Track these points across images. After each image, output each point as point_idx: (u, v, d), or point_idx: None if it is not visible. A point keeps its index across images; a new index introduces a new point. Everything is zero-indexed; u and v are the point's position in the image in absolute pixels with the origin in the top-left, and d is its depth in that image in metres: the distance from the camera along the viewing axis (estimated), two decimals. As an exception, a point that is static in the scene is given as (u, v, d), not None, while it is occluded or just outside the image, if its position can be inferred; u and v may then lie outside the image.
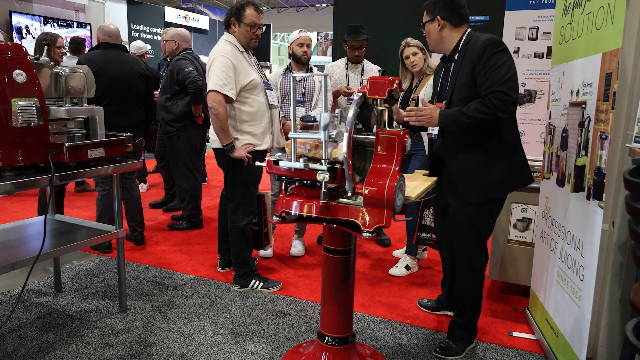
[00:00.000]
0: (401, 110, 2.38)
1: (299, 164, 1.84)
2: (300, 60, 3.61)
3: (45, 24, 10.06)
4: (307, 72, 3.65)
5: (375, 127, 1.95)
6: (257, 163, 2.22)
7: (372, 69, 3.92)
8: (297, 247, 3.85)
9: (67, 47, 5.38)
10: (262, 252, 3.73)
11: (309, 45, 3.61)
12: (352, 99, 3.74)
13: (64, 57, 5.11)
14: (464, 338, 2.50)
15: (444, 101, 2.34)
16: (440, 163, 2.44)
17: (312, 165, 1.84)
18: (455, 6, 2.30)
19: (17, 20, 9.58)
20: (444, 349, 2.47)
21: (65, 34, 9.58)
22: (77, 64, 3.35)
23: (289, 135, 1.90)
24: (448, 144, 2.35)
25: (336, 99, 3.87)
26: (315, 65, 3.91)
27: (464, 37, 2.31)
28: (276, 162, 1.95)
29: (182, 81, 4.10)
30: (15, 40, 9.36)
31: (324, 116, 1.77)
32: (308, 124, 1.94)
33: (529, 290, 2.90)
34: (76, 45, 5.17)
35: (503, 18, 4.10)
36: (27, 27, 9.73)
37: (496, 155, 2.26)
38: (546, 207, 2.69)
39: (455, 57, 2.31)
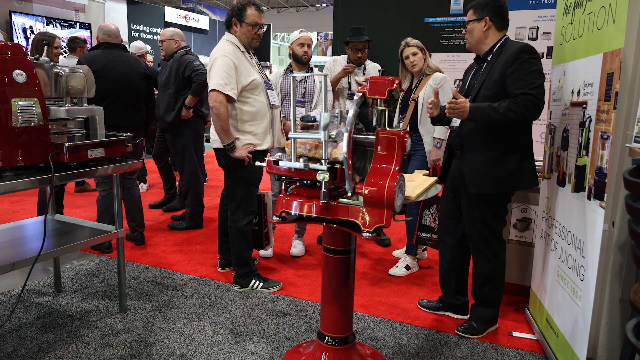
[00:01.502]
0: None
1: (299, 164, 1.84)
2: (300, 61, 3.61)
3: (47, 25, 10.08)
4: (307, 72, 3.65)
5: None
6: (258, 163, 2.22)
7: (373, 68, 3.92)
8: (297, 247, 3.85)
9: (65, 47, 5.38)
10: (262, 252, 3.73)
11: (309, 46, 3.61)
12: (354, 94, 3.77)
13: (63, 57, 5.11)
14: (485, 319, 2.66)
15: (469, 97, 2.48)
16: (452, 152, 2.63)
17: (312, 165, 1.84)
18: (503, 11, 2.46)
19: (23, 21, 9.60)
20: (466, 328, 2.66)
21: (68, 35, 9.60)
22: (77, 64, 3.35)
23: (289, 135, 1.90)
24: (464, 137, 2.50)
25: (336, 86, 3.86)
26: (315, 66, 3.91)
27: (501, 42, 2.46)
28: (276, 162, 1.94)
29: (189, 73, 4.09)
30: (20, 41, 9.36)
31: (323, 116, 1.77)
32: (308, 124, 1.94)
33: (529, 290, 2.90)
34: (73, 44, 5.16)
35: (503, 18, 4.09)
36: (31, 27, 9.76)
37: (507, 154, 2.40)
38: (547, 207, 2.69)
39: (489, 58, 2.46)
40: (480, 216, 2.52)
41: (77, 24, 10.73)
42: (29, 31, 9.67)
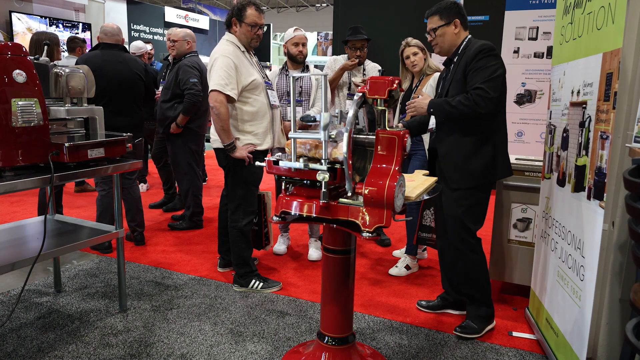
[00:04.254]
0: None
1: (299, 164, 1.84)
2: (295, 60, 3.60)
3: (50, 26, 10.10)
4: (303, 70, 3.65)
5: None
6: (258, 163, 2.22)
7: (372, 68, 3.92)
8: (315, 252, 3.77)
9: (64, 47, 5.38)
10: (276, 249, 3.81)
11: (304, 44, 3.60)
12: (353, 94, 3.77)
13: (63, 57, 5.11)
14: (482, 317, 2.67)
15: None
16: (435, 154, 2.68)
17: (312, 165, 1.84)
18: (464, 12, 2.57)
19: (24, 21, 9.62)
20: (464, 327, 2.66)
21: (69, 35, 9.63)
22: (75, 64, 3.34)
23: (289, 135, 1.90)
24: (440, 136, 2.62)
25: (336, 83, 3.85)
26: (316, 66, 3.91)
27: (465, 42, 2.55)
28: (276, 162, 1.95)
29: (183, 88, 4.12)
30: (21, 41, 9.38)
31: (324, 116, 1.77)
32: (307, 123, 1.94)
33: (529, 290, 2.90)
34: (72, 44, 5.17)
35: (503, 18, 4.10)
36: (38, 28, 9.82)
37: (480, 147, 2.49)
38: (546, 207, 2.69)
39: (455, 60, 2.54)
40: (459, 214, 2.56)
41: (80, 24, 10.74)
42: (29, 32, 9.69)
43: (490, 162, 2.50)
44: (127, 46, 4.05)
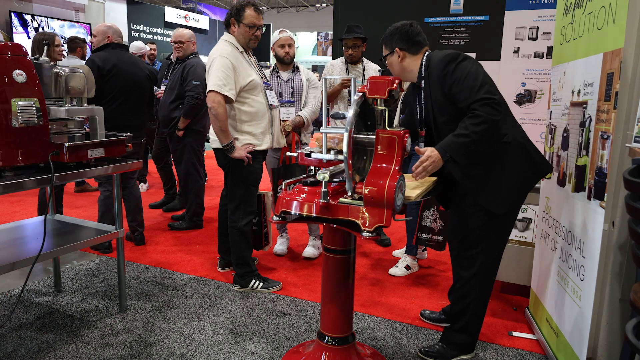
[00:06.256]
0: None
1: (330, 156, 2.02)
2: (283, 61, 3.63)
3: (50, 24, 10.17)
4: (293, 71, 3.70)
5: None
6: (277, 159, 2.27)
7: (372, 69, 3.93)
8: (311, 249, 3.80)
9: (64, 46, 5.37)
10: (276, 249, 3.81)
11: (290, 45, 3.61)
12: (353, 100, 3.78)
13: (64, 57, 5.11)
14: (459, 345, 2.40)
15: (424, 125, 2.36)
16: (449, 182, 2.31)
17: (340, 157, 1.99)
18: (411, 34, 2.27)
19: (24, 21, 9.66)
20: (429, 351, 2.41)
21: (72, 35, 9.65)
22: (87, 63, 3.36)
23: (321, 130, 2.05)
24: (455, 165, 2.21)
25: (333, 99, 3.88)
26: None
27: (424, 61, 2.27)
28: (308, 155, 2.10)
29: (186, 89, 4.13)
30: (22, 41, 9.40)
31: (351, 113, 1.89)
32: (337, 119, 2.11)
33: (529, 290, 2.90)
34: (73, 44, 5.17)
35: (503, 18, 4.10)
36: (42, 27, 9.86)
37: (506, 158, 2.19)
38: (546, 207, 2.69)
39: (422, 84, 2.28)
40: (499, 234, 2.32)
41: (80, 24, 10.77)
42: (31, 31, 9.70)
43: (525, 167, 2.21)
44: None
